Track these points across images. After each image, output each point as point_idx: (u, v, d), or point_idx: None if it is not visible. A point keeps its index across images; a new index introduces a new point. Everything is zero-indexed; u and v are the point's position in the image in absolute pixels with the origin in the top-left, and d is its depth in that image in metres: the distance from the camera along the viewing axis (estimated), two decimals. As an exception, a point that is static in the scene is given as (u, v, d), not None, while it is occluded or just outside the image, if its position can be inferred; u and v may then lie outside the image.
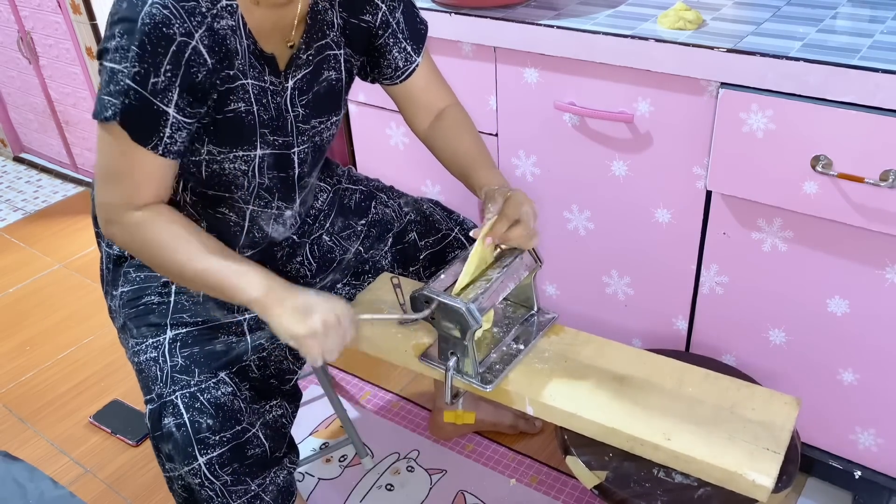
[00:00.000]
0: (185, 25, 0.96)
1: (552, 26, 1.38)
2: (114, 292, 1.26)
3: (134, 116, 0.99)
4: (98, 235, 1.32)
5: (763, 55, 1.18)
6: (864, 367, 1.33)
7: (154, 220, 1.05)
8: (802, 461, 1.39)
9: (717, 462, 1.05)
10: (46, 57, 2.74)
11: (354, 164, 1.95)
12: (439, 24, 1.52)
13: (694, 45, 1.24)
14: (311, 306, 1.03)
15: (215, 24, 1.00)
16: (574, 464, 1.24)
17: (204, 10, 0.98)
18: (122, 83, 0.97)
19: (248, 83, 1.07)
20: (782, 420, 1.11)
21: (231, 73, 1.04)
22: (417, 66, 1.27)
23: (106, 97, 0.99)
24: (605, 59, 1.34)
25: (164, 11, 0.95)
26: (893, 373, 1.31)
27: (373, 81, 1.30)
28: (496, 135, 1.60)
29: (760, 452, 1.05)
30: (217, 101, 1.05)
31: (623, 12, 1.42)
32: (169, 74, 0.97)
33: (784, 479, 1.15)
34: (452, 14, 1.49)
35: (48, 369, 2.07)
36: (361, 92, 1.76)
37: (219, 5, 1.00)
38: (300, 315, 1.02)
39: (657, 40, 1.27)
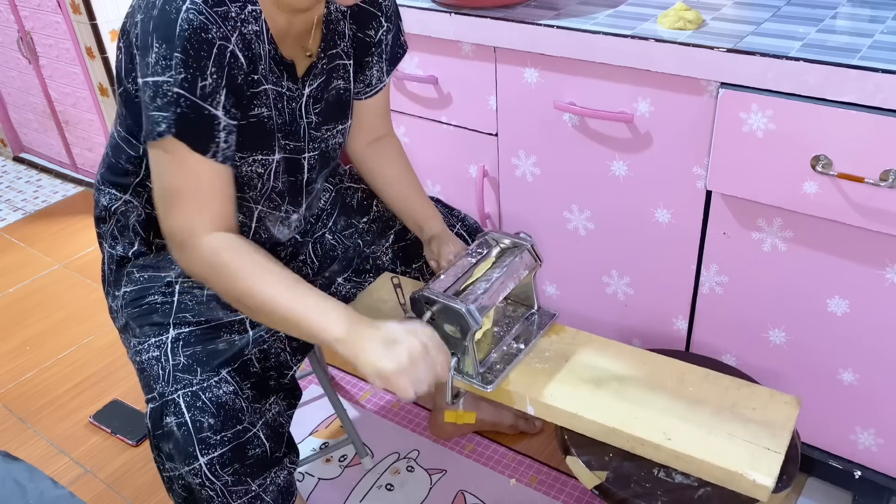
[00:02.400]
0: (222, 30, 0.98)
1: (552, 26, 1.38)
2: (116, 293, 1.25)
3: (188, 125, 0.98)
4: (99, 237, 1.32)
5: (763, 55, 1.18)
6: (864, 367, 1.33)
7: (230, 248, 1.01)
8: (802, 461, 1.39)
9: (718, 462, 1.05)
10: (46, 57, 2.74)
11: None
12: (439, 24, 1.52)
13: (694, 45, 1.24)
14: (396, 339, 0.99)
15: (244, 28, 1.01)
16: (574, 464, 1.24)
17: (234, 14, 1.00)
18: (169, 93, 0.96)
19: (269, 89, 1.09)
20: (782, 420, 1.11)
21: (256, 77, 1.06)
22: (384, 87, 1.32)
23: (155, 113, 0.97)
24: (605, 59, 1.34)
25: (201, 17, 0.96)
26: (893, 373, 1.31)
27: None
28: (496, 135, 1.60)
29: (761, 452, 1.05)
30: (244, 106, 1.06)
31: (623, 12, 1.42)
32: (215, 76, 0.97)
33: (784, 479, 1.15)
34: (452, 14, 1.49)
35: (48, 369, 2.07)
36: (361, 92, 1.76)
37: (246, 10, 1.02)
38: (385, 350, 0.98)
39: (657, 40, 1.27)
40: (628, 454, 1.14)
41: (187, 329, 1.17)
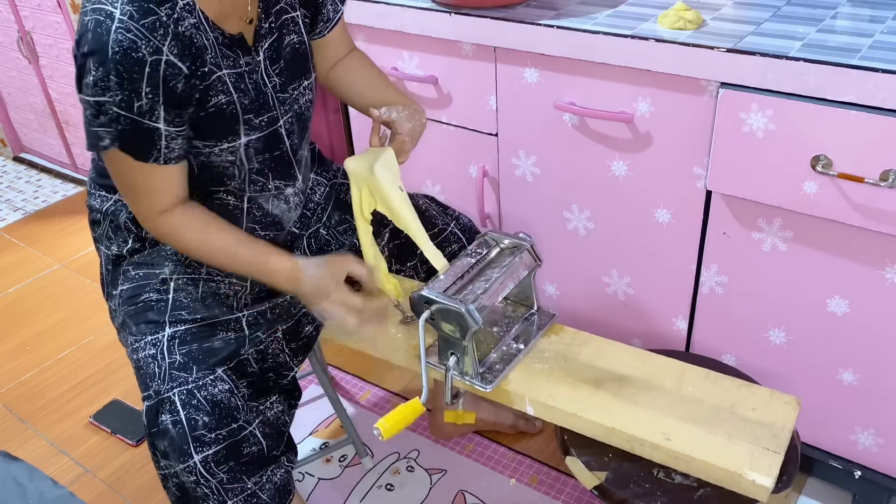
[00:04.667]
0: (152, 43, 0.99)
1: (552, 26, 1.37)
2: (113, 292, 1.26)
3: (130, 139, 1.04)
4: (95, 241, 1.32)
5: (763, 55, 1.18)
6: (864, 367, 1.33)
7: (185, 226, 1.14)
8: (802, 461, 1.39)
9: (717, 462, 1.05)
10: (46, 57, 2.74)
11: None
12: (439, 24, 1.52)
13: (694, 45, 1.24)
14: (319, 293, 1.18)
15: (179, 28, 1.02)
16: (574, 464, 1.24)
17: (164, 19, 1.00)
18: (110, 112, 1.01)
19: (224, 74, 1.10)
20: (782, 420, 1.11)
21: (205, 69, 1.07)
22: (341, 15, 1.32)
23: (97, 129, 1.04)
24: (605, 59, 1.34)
25: (129, 35, 0.98)
26: (893, 373, 1.31)
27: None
28: (496, 135, 1.60)
29: (760, 452, 1.05)
30: (199, 100, 1.08)
31: (623, 12, 1.42)
32: (151, 95, 1.01)
33: (784, 479, 1.15)
34: (452, 14, 1.49)
35: (48, 369, 2.07)
36: (361, 92, 1.76)
37: (178, 7, 1.02)
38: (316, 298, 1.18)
39: (657, 40, 1.27)
40: (628, 454, 1.14)
41: (183, 327, 1.17)
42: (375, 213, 1.35)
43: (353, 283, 1.22)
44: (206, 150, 1.13)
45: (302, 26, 1.23)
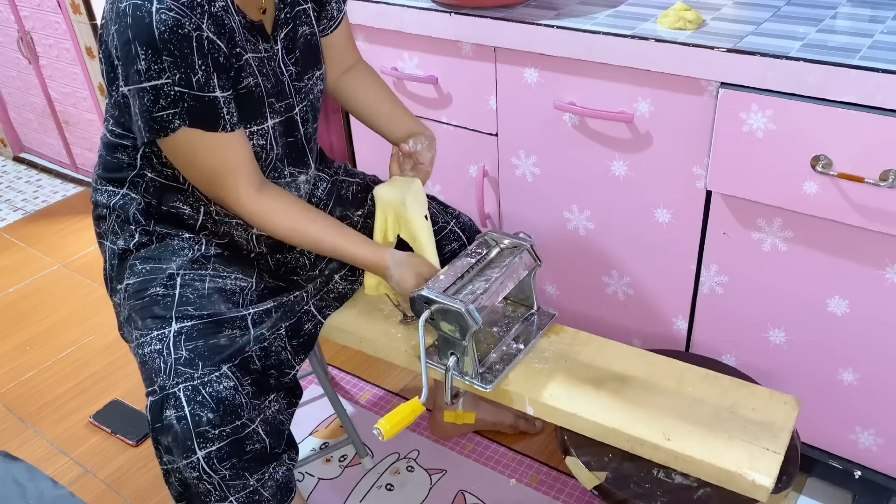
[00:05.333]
0: (193, 20, 1.02)
1: (552, 26, 1.37)
2: (118, 286, 1.26)
3: (198, 114, 1.07)
4: (99, 237, 1.32)
5: (763, 55, 1.18)
6: (864, 367, 1.33)
7: (275, 209, 1.18)
8: (802, 461, 1.39)
9: (717, 462, 1.05)
10: (46, 57, 2.74)
11: (354, 164, 1.95)
12: (439, 24, 1.52)
13: (694, 45, 1.24)
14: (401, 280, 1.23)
15: (212, 8, 1.05)
16: (574, 464, 1.24)
17: (199, 1, 1.04)
18: (172, 93, 1.04)
19: (250, 57, 1.14)
20: (782, 420, 1.11)
21: (237, 50, 1.11)
22: (345, 15, 1.35)
23: (161, 114, 1.06)
24: (605, 59, 1.34)
25: (172, 14, 1.01)
26: (893, 373, 1.31)
27: None
28: (496, 135, 1.60)
29: (760, 452, 1.05)
30: (234, 79, 1.12)
31: (623, 12, 1.42)
32: (204, 67, 1.04)
33: (784, 479, 1.15)
34: (452, 14, 1.49)
35: (48, 369, 2.07)
36: (361, 92, 1.76)
37: None
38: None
39: (657, 40, 1.27)
40: (628, 454, 1.14)
41: (190, 323, 1.17)
42: (374, 211, 1.35)
43: None
44: None
45: (313, 17, 1.27)
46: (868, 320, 1.29)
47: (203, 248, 1.26)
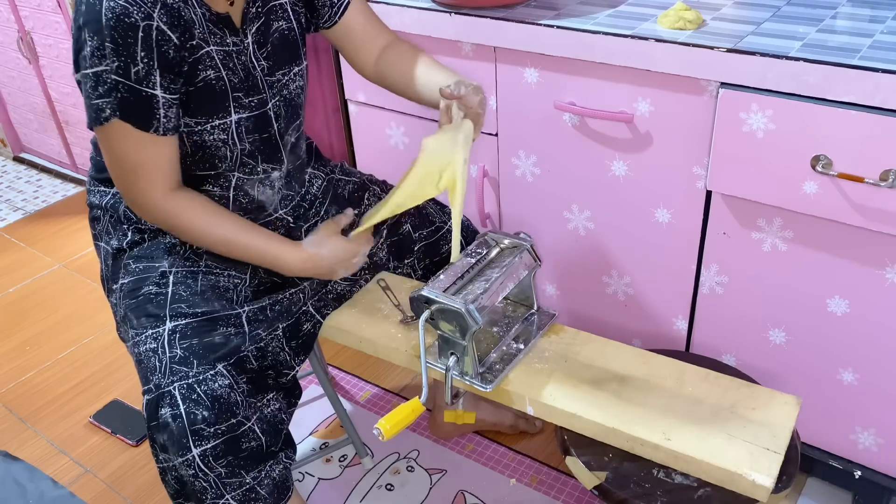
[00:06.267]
0: (143, 9, 1.02)
1: (552, 26, 1.37)
2: (114, 286, 1.26)
3: (130, 108, 1.06)
4: (95, 238, 1.32)
5: (763, 55, 1.18)
6: (864, 367, 1.33)
7: (188, 210, 1.16)
8: (802, 461, 1.39)
9: (717, 462, 1.05)
10: (46, 57, 2.74)
11: (354, 164, 1.95)
12: (439, 24, 1.52)
13: (694, 45, 1.24)
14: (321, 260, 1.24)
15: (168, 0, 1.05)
16: (574, 464, 1.24)
17: None
18: (109, 80, 1.04)
19: (212, 50, 1.13)
20: (782, 420, 1.11)
21: (194, 42, 1.09)
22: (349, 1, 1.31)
23: (97, 101, 1.05)
24: (605, 59, 1.34)
25: (120, 2, 1.01)
26: (893, 373, 1.31)
27: (316, 30, 1.34)
28: (496, 135, 1.60)
29: (760, 452, 1.05)
30: (188, 73, 1.10)
31: (623, 12, 1.42)
32: (146, 60, 1.04)
33: (784, 479, 1.15)
34: (452, 14, 1.49)
35: (48, 369, 2.07)
36: (361, 92, 1.76)
37: None
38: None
39: (657, 40, 1.27)
40: (628, 454, 1.14)
41: (184, 321, 1.17)
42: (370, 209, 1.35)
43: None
44: (199, 129, 1.15)
45: (292, 13, 1.25)
46: (868, 320, 1.29)
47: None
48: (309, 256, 1.23)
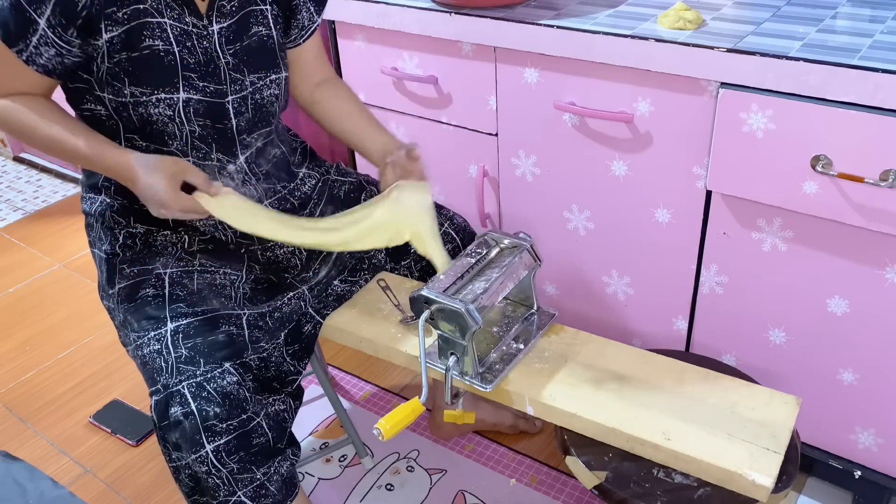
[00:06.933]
0: None
1: (552, 26, 1.38)
2: (111, 291, 1.27)
3: (6, 16, 1.07)
4: (91, 245, 1.33)
5: (763, 55, 1.18)
6: (864, 367, 1.33)
7: (18, 110, 1.15)
8: (802, 461, 1.39)
9: (717, 462, 1.05)
10: (46, 57, 2.74)
11: (354, 165, 1.95)
12: (439, 24, 1.52)
13: (694, 45, 1.24)
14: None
15: None
16: (574, 464, 1.24)
17: None
18: None
19: (164, 22, 1.13)
20: (782, 420, 1.11)
21: (141, 7, 1.10)
22: (317, 26, 1.35)
23: None
24: (605, 59, 1.34)
25: None
26: (893, 373, 1.31)
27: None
28: (496, 135, 1.60)
29: (760, 452, 1.05)
30: (127, 38, 1.10)
31: (623, 12, 1.42)
32: None
33: (784, 479, 1.15)
34: (452, 14, 1.49)
35: (48, 369, 2.07)
36: (361, 92, 1.76)
37: None
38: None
39: (657, 40, 1.27)
40: (628, 454, 1.14)
41: (185, 321, 1.18)
42: None
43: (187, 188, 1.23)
44: (144, 100, 1.15)
45: (272, 22, 1.26)
46: (868, 320, 1.29)
47: (187, 244, 1.27)
48: (130, 167, 1.15)
